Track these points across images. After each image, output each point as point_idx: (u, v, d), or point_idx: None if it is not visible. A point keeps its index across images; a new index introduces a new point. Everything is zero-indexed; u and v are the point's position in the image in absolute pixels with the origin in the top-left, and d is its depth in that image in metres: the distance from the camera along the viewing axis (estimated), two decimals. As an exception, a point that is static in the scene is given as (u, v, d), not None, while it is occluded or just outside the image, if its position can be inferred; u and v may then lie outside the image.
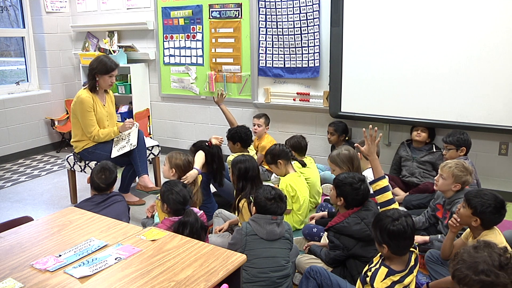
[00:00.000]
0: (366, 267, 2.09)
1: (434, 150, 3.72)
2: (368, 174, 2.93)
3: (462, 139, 3.26)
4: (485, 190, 2.30)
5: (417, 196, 3.50)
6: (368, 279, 1.99)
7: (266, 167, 4.25)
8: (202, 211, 2.65)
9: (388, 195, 2.28)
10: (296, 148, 3.68)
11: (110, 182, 2.89)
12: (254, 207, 2.38)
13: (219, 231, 2.97)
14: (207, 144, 3.29)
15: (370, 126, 2.40)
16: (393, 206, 2.25)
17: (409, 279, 1.94)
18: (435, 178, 2.76)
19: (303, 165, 3.48)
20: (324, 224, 2.87)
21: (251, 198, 2.66)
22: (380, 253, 2.07)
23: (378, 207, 2.34)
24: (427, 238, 2.71)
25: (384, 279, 1.92)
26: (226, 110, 4.35)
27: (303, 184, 3.26)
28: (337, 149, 3.13)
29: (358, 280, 2.11)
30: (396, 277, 1.92)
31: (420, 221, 2.92)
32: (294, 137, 3.79)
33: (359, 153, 3.16)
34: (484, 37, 3.48)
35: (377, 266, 2.00)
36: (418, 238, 2.68)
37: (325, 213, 3.14)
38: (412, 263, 1.97)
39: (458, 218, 2.24)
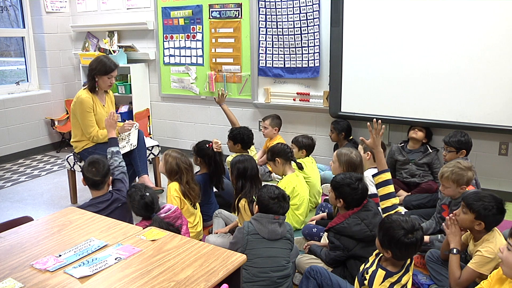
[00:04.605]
0: (362, 266, 2.09)
1: (430, 150, 3.72)
2: (368, 175, 2.93)
3: (463, 142, 3.23)
4: (482, 192, 2.30)
5: (417, 196, 3.51)
6: (366, 282, 1.99)
7: (270, 168, 4.25)
8: (176, 206, 2.63)
9: (390, 188, 2.31)
10: (305, 146, 3.72)
11: (104, 173, 2.75)
12: (256, 206, 2.38)
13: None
14: (207, 146, 3.32)
15: (374, 119, 2.43)
16: (393, 200, 2.28)
17: (406, 278, 1.95)
18: (440, 188, 2.72)
19: (300, 168, 3.39)
20: (324, 224, 2.87)
21: (254, 197, 2.65)
22: (376, 252, 2.07)
23: (379, 200, 2.34)
24: (427, 238, 2.71)
25: (382, 281, 1.93)
26: (227, 110, 4.34)
27: (302, 184, 3.26)
28: (349, 149, 3.10)
29: (356, 280, 2.11)
30: (393, 278, 1.93)
31: (431, 226, 2.90)
32: (304, 136, 3.81)
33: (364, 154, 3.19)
34: (484, 37, 3.47)
35: (374, 267, 1.99)
36: None
37: (324, 214, 3.14)
38: (407, 262, 1.98)
39: (456, 222, 2.24)
